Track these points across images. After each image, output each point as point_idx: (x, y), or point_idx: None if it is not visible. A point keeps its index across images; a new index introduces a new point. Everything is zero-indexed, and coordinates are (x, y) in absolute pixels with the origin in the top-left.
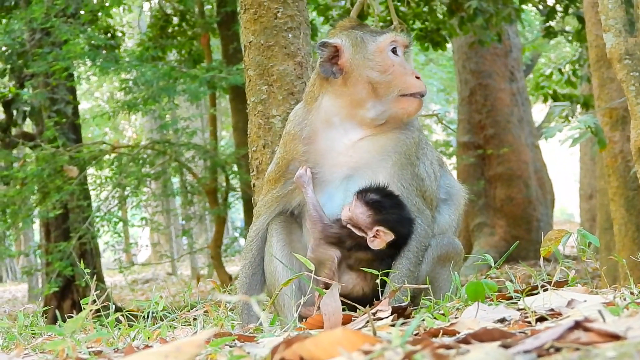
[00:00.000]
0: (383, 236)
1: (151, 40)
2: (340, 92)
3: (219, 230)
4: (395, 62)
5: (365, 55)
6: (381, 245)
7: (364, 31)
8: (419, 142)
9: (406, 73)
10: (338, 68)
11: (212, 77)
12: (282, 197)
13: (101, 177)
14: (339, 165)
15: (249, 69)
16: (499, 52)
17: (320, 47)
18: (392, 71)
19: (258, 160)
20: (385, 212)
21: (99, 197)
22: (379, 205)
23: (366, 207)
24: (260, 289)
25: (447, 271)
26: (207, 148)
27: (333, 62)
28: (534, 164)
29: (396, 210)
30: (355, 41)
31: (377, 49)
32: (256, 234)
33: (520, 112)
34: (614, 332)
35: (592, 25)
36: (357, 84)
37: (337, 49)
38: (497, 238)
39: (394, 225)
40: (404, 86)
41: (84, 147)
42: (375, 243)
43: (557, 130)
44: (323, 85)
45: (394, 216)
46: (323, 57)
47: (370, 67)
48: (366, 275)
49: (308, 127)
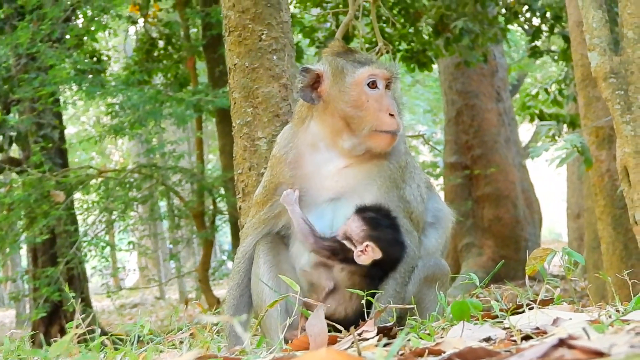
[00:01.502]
0: (370, 252)
1: (137, 64)
2: (323, 118)
3: (207, 253)
4: (370, 97)
5: (341, 88)
6: (366, 262)
7: (347, 59)
8: (405, 165)
9: (380, 109)
10: (317, 95)
11: (198, 100)
12: (269, 219)
13: (88, 201)
14: (325, 189)
15: (234, 91)
16: (485, 72)
17: (301, 73)
18: (366, 107)
19: (244, 182)
20: (380, 230)
21: (86, 222)
22: (375, 222)
23: (362, 222)
24: (247, 310)
25: (433, 292)
26: (194, 171)
27: (314, 87)
28: (521, 184)
29: (391, 231)
30: (335, 70)
31: (354, 82)
32: (243, 256)
33: (507, 132)
34: (597, 349)
35: (577, 44)
36: (334, 115)
37: (319, 76)
38: (485, 258)
39: (385, 244)
40: (376, 123)
41: (70, 171)
42: (361, 258)
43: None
44: (310, 108)
45: (388, 236)
46: (303, 83)
47: (344, 100)
48: (351, 297)
49: (294, 151)
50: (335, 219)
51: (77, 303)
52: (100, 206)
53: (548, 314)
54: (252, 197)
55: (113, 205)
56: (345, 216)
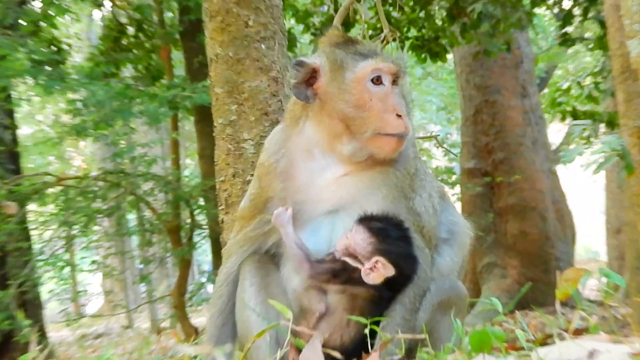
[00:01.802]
0: (381, 269)
1: (103, 54)
2: (320, 119)
3: (183, 275)
4: (374, 96)
5: (340, 85)
6: (377, 280)
7: (347, 51)
8: (415, 172)
9: (386, 110)
10: (313, 92)
11: (174, 96)
12: (257, 237)
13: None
14: (322, 201)
15: (216, 86)
16: (508, 63)
17: (295, 67)
18: (369, 107)
19: (227, 191)
20: (391, 242)
21: (41, 238)
22: (383, 234)
23: (369, 234)
24: (231, 341)
25: (448, 319)
26: (168, 179)
27: (309, 83)
28: (551, 194)
29: (403, 244)
30: (334, 65)
31: (355, 78)
32: (226, 278)
33: (534, 133)
34: None
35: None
36: (332, 116)
37: (315, 71)
38: (509, 281)
39: (397, 259)
40: (380, 125)
41: (24, 179)
42: (371, 276)
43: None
44: (305, 106)
45: (399, 249)
46: (297, 79)
47: (344, 99)
48: (348, 323)
49: (285, 159)
50: (334, 235)
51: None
52: (59, 219)
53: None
54: (236, 209)
55: (74, 218)
56: (346, 230)
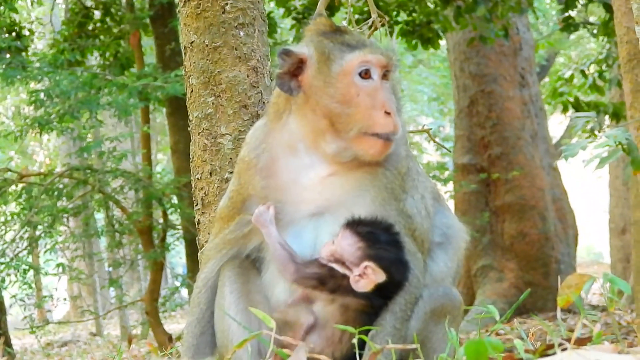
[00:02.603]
0: (372, 275)
1: (67, 41)
2: (304, 113)
3: (156, 279)
4: (361, 91)
5: (326, 78)
6: (368, 287)
7: (335, 42)
8: (406, 172)
9: (374, 107)
10: (297, 84)
11: (144, 87)
12: (236, 239)
13: (6, 213)
14: (305, 202)
15: (191, 76)
16: (505, 50)
17: (281, 56)
18: (356, 103)
19: (203, 190)
20: (380, 246)
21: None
22: (372, 238)
23: (357, 238)
24: (210, 352)
25: (442, 328)
26: (139, 176)
27: (295, 74)
28: (551, 191)
29: (393, 249)
30: (321, 56)
31: (341, 71)
32: (204, 284)
33: (533, 126)
34: None
35: (622, 15)
36: (316, 111)
37: (302, 61)
38: (506, 284)
39: (388, 264)
40: (367, 123)
41: None
42: (360, 284)
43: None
44: (289, 99)
45: (390, 254)
46: (282, 69)
47: (329, 94)
48: (341, 337)
49: (266, 154)
50: (318, 239)
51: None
52: (22, 219)
53: (586, 356)
54: (213, 209)
55: (37, 218)
56: (331, 235)
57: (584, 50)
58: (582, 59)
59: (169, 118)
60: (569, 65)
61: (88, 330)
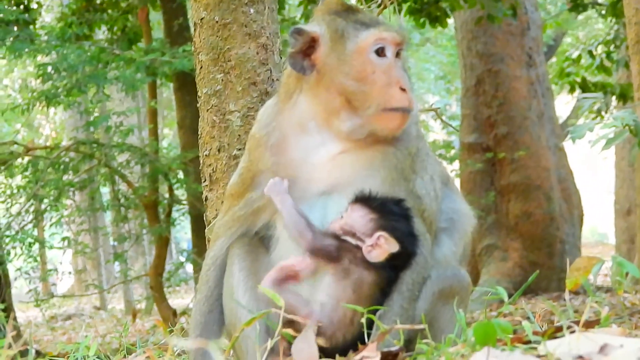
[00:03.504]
0: (385, 245)
1: (75, 15)
2: (316, 93)
3: (160, 254)
4: (377, 69)
5: (340, 56)
6: (381, 257)
7: (349, 20)
8: (416, 152)
9: (390, 83)
10: (310, 63)
11: (152, 61)
12: (245, 216)
13: (12, 186)
14: (314, 180)
15: (201, 52)
16: (513, 30)
17: (293, 35)
18: (372, 80)
19: (211, 167)
20: (393, 218)
21: (9, 212)
22: (385, 210)
23: (368, 210)
24: (218, 330)
25: (450, 309)
26: (145, 150)
27: (307, 53)
28: (557, 172)
29: (405, 222)
30: (335, 34)
31: (357, 49)
32: (213, 262)
33: (540, 106)
34: None
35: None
36: (330, 89)
37: (314, 40)
38: (510, 264)
39: (401, 235)
40: (383, 99)
41: None
42: (373, 253)
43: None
44: (300, 79)
45: (402, 225)
46: (294, 48)
47: (344, 72)
48: (353, 318)
49: (277, 132)
50: (327, 218)
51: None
52: (28, 192)
53: (594, 339)
54: (221, 185)
55: (43, 191)
56: (339, 213)
57: (591, 31)
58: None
59: (176, 93)
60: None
61: (92, 304)
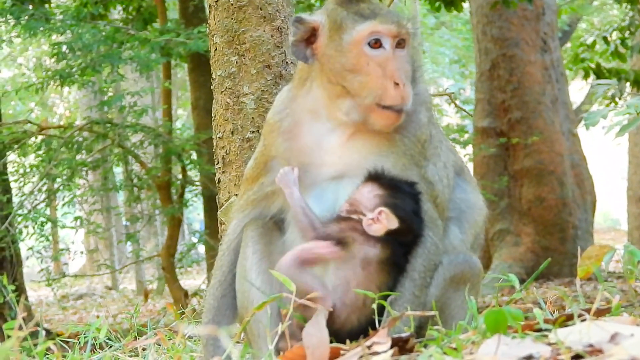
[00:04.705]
0: (384, 220)
1: None
2: (322, 81)
3: (173, 234)
4: (372, 60)
5: (337, 47)
6: (379, 232)
7: (349, 11)
8: (428, 139)
9: (384, 76)
10: (312, 52)
11: (166, 42)
12: (258, 200)
13: (25, 165)
14: (326, 165)
15: (215, 34)
16: (528, 14)
17: (294, 24)
18: (366, 72)
19: (225, 149)
20: (399, 197)
21: (21, 191)
22: (392, 188)
23: (376, 186)
24: (231, 314)
25: (461, 295)
26: (159, 131)
27: (309, 42)
28: (570, 157)
29: (411, 201)
30: (334, 25)
31: (352, 41)
32: (228, 246)
33: (554, 91)
34: None
35: None
36: (330, 78)
37: (315, 29)
38: (522, 249)
39: (405, 214)
40: (378, 93)
41: (3, 127)
42: (373, 227)
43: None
44: (311, 66)
45: (408, 205)
46: (296, 37)
47: (341, 62)
48: (364, 302)
49: (289, 118)
50: (338, 202)
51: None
52: (40, 171)
53: (605, 327)
54: (234, 168)
55: (56, 170)
56: None
57: (606, 17)
58: (604, 25)
59: (190, 74)
60: (591, 32)
61: (104, 283)
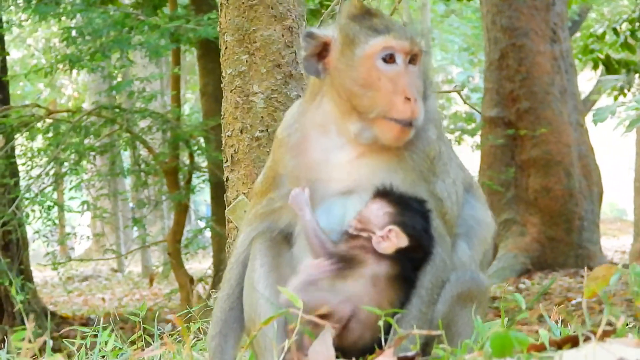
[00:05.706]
0: (394, 238)
1: None
2: (332, 96)
3: (179, 220)
4: (384, 75)
5: (349, 62)
6: (389, 250)
7: (362, 26)
8: (437, 155)
9: (395, 91)
10: (324, 67)
11: (176, 28)
12: (267, 214)
13: (32, 148)
14: (334, 181)
15: (226, 33)
16: (538, 4)
17: (305, 39)
18: (377, 87)
19: (233, 147)
20: (409, 215)
21: (29, 174)
22: (402, 205)
23: (385, 203)
24: (238, 327)
25: (468, 313)
26: (167, 117)
27: (322, 56)
28: (578, 148)
29: (421, 219)
30: (346, 39)
31: (364, 55)
32: (236, 259)
33: (563, 82)
34: None
35: None
36: (340, 93)
37: (327, 44)
38: (528, 239)
39: (415, 232)
40: (386, 108)
41: (12, 110)
42: (382, 245)
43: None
44: (322, 81)
45: (418, 222)
46: (307, 51)
47: (352, 77)
48: (376, 321)
49: (298, 133)
50: (346, 217)
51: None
52: (48, 155)
53: (610, 349)
54: (242, 166)
55: (64, 154)
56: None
57: (616, 8)
58: (614, 16)
59: (199, 60)
60: (601, 22)
61: (109, 265)
